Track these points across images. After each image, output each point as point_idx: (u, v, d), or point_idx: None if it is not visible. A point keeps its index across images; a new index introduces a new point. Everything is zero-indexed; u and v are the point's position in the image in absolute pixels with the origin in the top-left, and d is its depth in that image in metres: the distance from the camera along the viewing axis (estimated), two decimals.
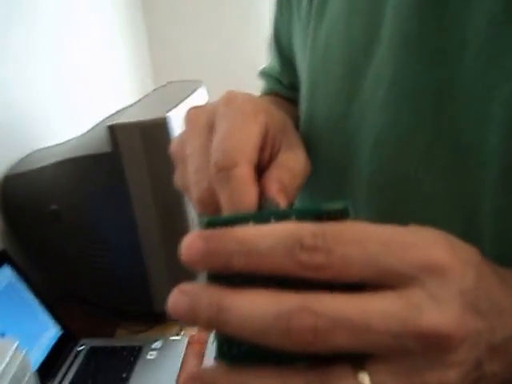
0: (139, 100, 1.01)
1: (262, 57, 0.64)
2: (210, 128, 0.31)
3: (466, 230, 0.33)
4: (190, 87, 1.09)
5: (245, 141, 0.29)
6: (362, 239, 0.22)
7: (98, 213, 0.90)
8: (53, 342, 0.90)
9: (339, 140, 0.40)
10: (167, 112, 0.82)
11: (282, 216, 0.24)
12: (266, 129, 0.31)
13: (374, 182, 0.38)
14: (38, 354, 0.86)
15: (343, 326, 0.20)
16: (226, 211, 0.28)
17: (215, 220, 0.24)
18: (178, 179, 0.34)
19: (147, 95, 1.07)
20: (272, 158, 0.32)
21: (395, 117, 0.35)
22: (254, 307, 0.21)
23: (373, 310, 0.21)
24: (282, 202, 0.29)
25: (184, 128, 0.34)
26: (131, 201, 0.85)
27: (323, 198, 0.44)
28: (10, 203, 0.97)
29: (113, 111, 0.96)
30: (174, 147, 0.35)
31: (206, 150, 0.30)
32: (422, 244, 0.23)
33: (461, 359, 0.22)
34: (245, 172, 0.28)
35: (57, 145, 1.00)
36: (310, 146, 0.37)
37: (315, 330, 0.20)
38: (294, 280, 0.21)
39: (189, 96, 0.97)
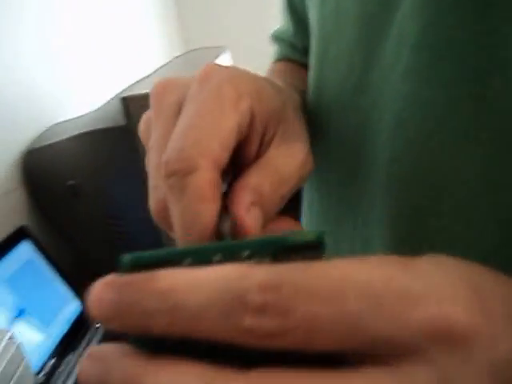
0: (158, 69, 0.98)
1: None
2: (181, 110, 0.25)
3: (505, 235, 0.26)
4: (213, 54, 1.04)
5: (213, 135, 0.22)
6: (338, 290, 0.15)
7: (114, 186, 0.89)
8: (73, 316, 0.90)
9: (351, 119, 0.33)
10: None
11: (230, 252, 0.17)
12: (251, 117, 0.25)
13: (393, 170, 0.30)
14: (58, 329, 0.86)
15: None
16: (177, 230, 0.22)
17: (139, 258, 0.18)
18: (147, 168, 0.28)
19: (167, 63, 1.03)
20: (262, 152, 0.25)
21: (421, 89, 0.27)
22: None
23: None
24: (249, 224, 0.22)
25: (150, 105, 0.27)
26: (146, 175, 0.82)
27: (335, 186, 0.37)
28: (31, 178, 0.96)
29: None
30: (141, 129, 0.28)
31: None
32: (430, 296, 0.15)
33: None
34: (205, 179, 0.21)
35: (74, 118, 0.98)
36: (318, 126, 0.30)
37: None
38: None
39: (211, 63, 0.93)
